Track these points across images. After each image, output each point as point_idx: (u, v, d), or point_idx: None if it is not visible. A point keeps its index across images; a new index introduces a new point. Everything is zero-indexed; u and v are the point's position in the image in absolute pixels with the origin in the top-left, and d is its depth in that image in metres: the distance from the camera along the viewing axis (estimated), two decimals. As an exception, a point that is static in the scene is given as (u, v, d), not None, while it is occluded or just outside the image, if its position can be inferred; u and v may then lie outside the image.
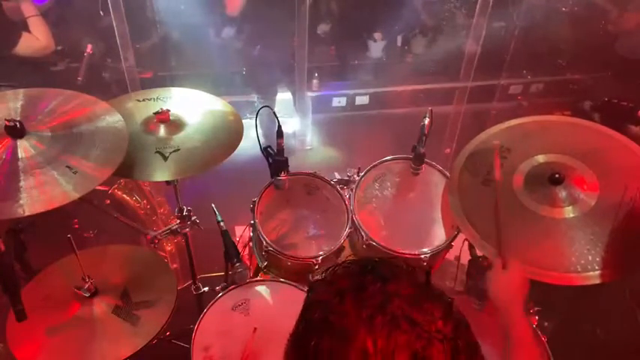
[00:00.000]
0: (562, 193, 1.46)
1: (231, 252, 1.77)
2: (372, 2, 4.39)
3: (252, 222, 1.94)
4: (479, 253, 1.58)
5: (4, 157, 1.45)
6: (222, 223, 1.83)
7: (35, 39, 2.54)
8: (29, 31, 2.53)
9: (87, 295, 1.65)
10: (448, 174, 1.89)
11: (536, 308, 1.88)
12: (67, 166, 1.45)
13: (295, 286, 1.81)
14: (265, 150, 1.87)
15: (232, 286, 1.78)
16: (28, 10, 2.52)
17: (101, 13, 3.08)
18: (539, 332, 1.72)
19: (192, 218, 2.01)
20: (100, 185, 1.50)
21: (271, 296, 1.78)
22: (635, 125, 1.87)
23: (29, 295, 1.62)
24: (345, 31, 4.44)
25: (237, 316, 1.71)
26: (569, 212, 1.43)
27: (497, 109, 4.24)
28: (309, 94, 4.00)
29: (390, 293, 0.71)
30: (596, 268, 1.33)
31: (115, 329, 1.63)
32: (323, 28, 4.44)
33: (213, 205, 1.89)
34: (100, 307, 1.68)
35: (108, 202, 2.56)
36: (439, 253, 1.90)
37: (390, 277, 0.74)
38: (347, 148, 4.01)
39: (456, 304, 0.76)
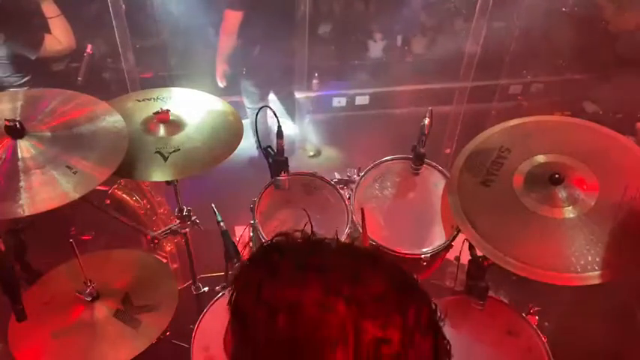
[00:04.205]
0: (562, 193, 1.45)
1: (231, 252, 1.77)
2: (372, 2, 4.40)
3: (252, 222, 1.94)
4: (479, 253, 1.58)
5: (4, 157, 1.45)
6: (222, 223, 1.83)
7: (57, 41, 2.55)
8: (50, 33, 2.53)
9: (88, 299, 1.66)
10: (448, 174, 1.89)
11: (536, 308, 1.88)
12: (67, 166, 1.45)
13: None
14: (265, 150, 1.87)
15: (232, 286, 1.78)
16: (50, 10, 2.52)
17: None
18: (539, 332, 1.72)
19: (192, 218, 2.01)
20: (100, 185, 1.50)
21: (271, 296, 1.78)
22: (633, 136, 1.88)
23: (31, 298, 1.63)
24: (345, 31, 4.44)
25: (237, 316, 1.70)
26: (569, 212, 1.43)
27: (497, 109, 4.24)
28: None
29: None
30: (596, 268, 1.33)
31: (116, 333, 1.62)
32: (323, 28, 4.45)
33: (213, 205, 1.89)
34: (102, 310, 1.67)
35: (108, 202, 2.56)
36: (439, 253, 1.90)
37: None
38: (347, 148, 4.01)
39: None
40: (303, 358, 0.60)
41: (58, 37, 2.54)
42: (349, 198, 1.97)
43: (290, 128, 3.96)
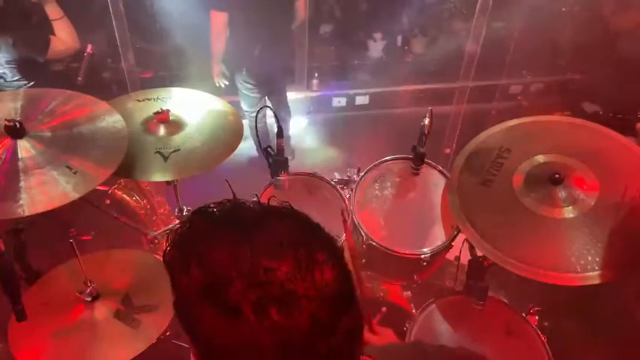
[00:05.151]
0: (562, 193, 1.45)
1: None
2: (373, 2, 4.40)
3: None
4: (479, 253, 1.58)
5: (4, 157, 1.45)
6: (222, 223, 1.83)
7: (61, 42, 2.55)
8: (54, 34, 2.54)
9: (88, 299, 1.66)
10: (448, 174, 1.89)
11: (536, 308, 1.88)
12: (67, 166, 1.45)
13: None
14: (265, 150, 1.87)
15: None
16: (53, 13, 2.52)
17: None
18: (539, 332, 1.72)
19: (193, 218, 2.00)
20: (100, 185, 1.50)
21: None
22: (633, 136, 1.89)
23: (31, 298, 1.63)
24: (346, 31, 4.44)
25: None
26: (569, 212, 1.43)
27: (497, 109, 4.25)
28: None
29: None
30: (596, 268, 1.33)
31: (116, 333, 1.62)
32: (324, 28, 4.45)
33: (213, 205, 1.89)
34: (102, 311, 1.67)
35: (108, 202, 2.56)
36: (439, 253, 1.90)
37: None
38: (347, 148, 4.01)
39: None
40: (213, 298, 0.68)
41: (63, 38, 2.55)
42: (349, 198, 1.97)
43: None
